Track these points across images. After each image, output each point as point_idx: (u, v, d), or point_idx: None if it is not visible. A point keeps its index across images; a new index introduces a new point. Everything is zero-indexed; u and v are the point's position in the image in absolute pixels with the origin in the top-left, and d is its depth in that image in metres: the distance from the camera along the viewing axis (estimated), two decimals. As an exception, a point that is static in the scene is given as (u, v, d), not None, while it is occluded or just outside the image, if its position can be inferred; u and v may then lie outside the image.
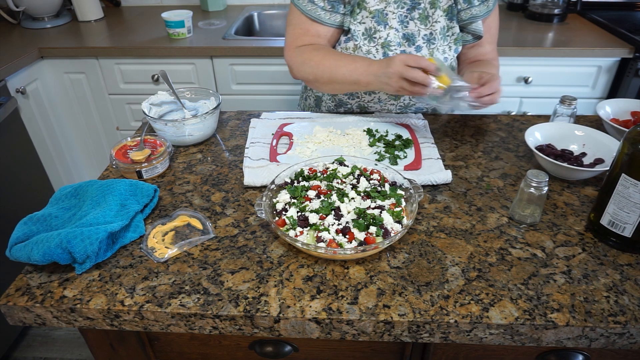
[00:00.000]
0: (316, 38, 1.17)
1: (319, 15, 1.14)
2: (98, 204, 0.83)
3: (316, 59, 1.13)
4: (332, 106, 1.30)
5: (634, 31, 1.81)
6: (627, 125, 1.07)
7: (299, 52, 1.17)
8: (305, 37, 1.17)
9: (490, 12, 1.17)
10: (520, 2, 2.19)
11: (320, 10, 1.14)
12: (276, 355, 0.81)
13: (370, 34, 1.15)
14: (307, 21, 1.16)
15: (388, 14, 1.13)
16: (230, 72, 1.92)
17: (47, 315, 0.71)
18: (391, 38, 1.15)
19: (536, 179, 0.80)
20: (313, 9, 1.14)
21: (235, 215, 0.88)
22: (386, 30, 1.14)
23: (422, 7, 1.13)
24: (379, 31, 1.14)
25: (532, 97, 1.91)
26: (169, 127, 1.07)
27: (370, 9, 1.12)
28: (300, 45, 1.17)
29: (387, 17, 1.13)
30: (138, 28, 2.09)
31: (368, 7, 1.12)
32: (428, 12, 1.13)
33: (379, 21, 1.14)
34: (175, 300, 0.70)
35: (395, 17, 1.13)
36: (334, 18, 1.15)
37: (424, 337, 0.69)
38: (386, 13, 1.13)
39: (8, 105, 1.66)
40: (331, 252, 0.74)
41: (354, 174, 0.91)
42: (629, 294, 0.70)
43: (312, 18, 1.15)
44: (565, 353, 0.76)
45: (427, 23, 1.14)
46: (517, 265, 0.76)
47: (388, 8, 1.13)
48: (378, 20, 1.13)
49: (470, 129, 1.17)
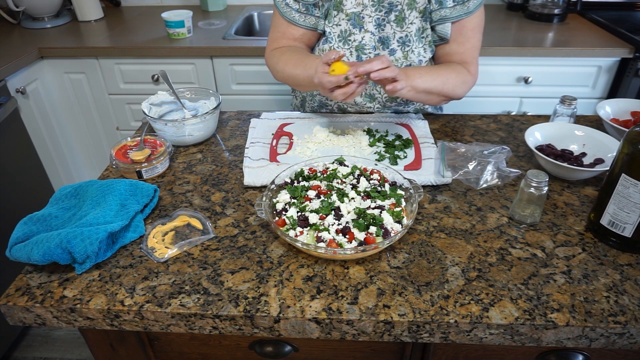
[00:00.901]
0: (292, 41, 1.19)
1: (293, 17, 1.16)
2: (98, 204, 0.83)
3: (281, 62, 1.15)
4: (315, 106, 1.30)
5: (634, 31, 1.81)
6: (627, 125, 1.07)
7: (272, 55, 1.20)
8: (282, 40, 1.20)
9: (463, 16, 1.10)
10: (520, 2, 2.18)
11: (294, 12, 1.16)
12: (276, 355, 0.81)
13: (345, 36, 1.15)
14: (284, 23, 1.18)
15: (365, 17, 1.13)
16: (230, 72, 1.92)
17: (47, 315, 0.71)
18: (366, 41, 1.14)
19: (536, 179, 0.80)
20: (288, 11, 1.16)
21: (235, 215, 0.88)
22: (361, 33, 1.14)
23: (399, 9, 1.11)
24: (354, 34, 1.14)
25: (532, 97, 1.91)
26: (169, 127, 1.07)
27: (347, 12, 1.12)
28: (277, 48, 1.20)
29: (364, 20, 1.13)
30: (138, 28, 2.09)
31: (345, 10, 1.12)
32: (405, 14, 1.12)
33: (354, 24, 1.13)
34: (175, 300, 0.70)
35: (371, 21, 1.13)
36: (308, 20, 1.17)
37: (424, 337, 0.69)
38: (363, 16, 1.12)
39: (8, 105, 1.66)
40: (331, 252, 0.74)
41: (354, 174, 0.91)
42: (629, 294, 0.70)
43: (288, 20, 1.17)
44: (565, 353, 0.76)
45: (403, 25, 1.13)
46: (517, 265, 0.76)
47: (365, 11, 1.12)
48: (354, 23, 1.13)
49: (470, 129, 1.17)
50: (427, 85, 1.05)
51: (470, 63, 1.15)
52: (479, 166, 0.96)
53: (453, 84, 1.10)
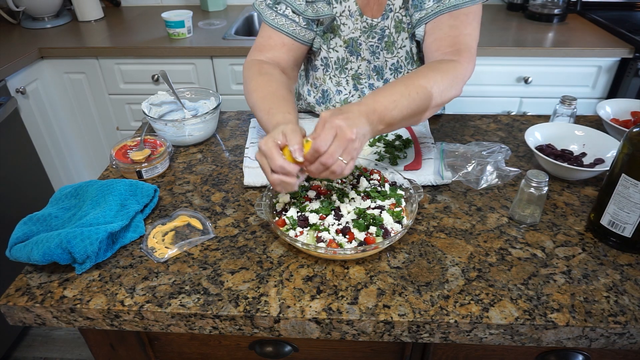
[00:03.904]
0: (280, 48, 1.05)
1: (294, 30, 1.04)
2: (98, 204, 0.83)
3: (252, 84, 0.97)
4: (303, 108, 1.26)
5: (634, 31, 1.81)
6: (627, 125, 1.07)
7: (248, 66, 1.04)
8: (269, 48, 1.06)
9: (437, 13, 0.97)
10: (520, 2, 2.19)
11: (294, 25, 1.04)
12: (276, 355, 0.81)
13: (342, 64, 1.12)
14: (276, 33, 1.05)
15: (362, 43, 1.08)
16: (230, 72, 1.92)
17: (47, 315, 0.71)
18: (362, 70, 1.12)
19: (536, 179, 0.80)
20: (288, 23, 1.04)
21: (235, 215, 0.88)
22: (357, 61, 1.11)
23: (387, 34, 1.06)
24: (351, 62, 1.11)
25: (532, 97, 1.91)
26: (169, 127, 1.07)
27: (345, 38, 1.08)
28: (259, 60, 1.04)
29: (361, 47, 1.08)
30: (138, 28, 2.09)
31: (342, 36, 1.08)
32: (393, 38, 1.07)
33: (352, 51, 1.10)
34: (175, 300, 0.70)
35: (367, 48, 1.09)
36: (307, 35, 1.07)
37: (424, 337, 0.69)
38: (360, 43, 1.08)
39: (8, 105, 1.66)
40: (331, 252, 0.74)
41: (354, 174, 0.91)
42: (629, 294, 0.70)
43: (285, 33, 1.05)
44: (565, 353, 0.76)
45: (393, 50, 1.08)
46: (517, 265, 0.76)
47: (361, 38, 1.08)
48: (351, 50, 1.10)
49: (470, 129, 1.17)
50: (405, 112, 0.82)
51: (463, 52, 0.94)
52: (478, 166, 0.96)
53: (441, 89, 0.87)
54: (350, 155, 0.73)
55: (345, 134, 0.72)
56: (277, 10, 1.05)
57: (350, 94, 1.16)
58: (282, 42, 1.06)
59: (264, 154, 0.75)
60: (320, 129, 0.73)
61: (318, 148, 0.71)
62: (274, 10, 1.05)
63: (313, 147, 0.72)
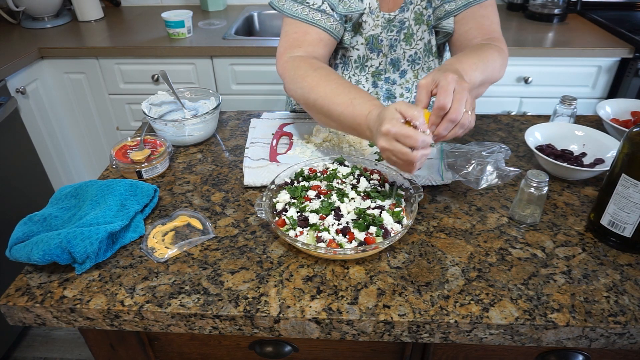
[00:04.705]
0: (317, 42, 1.03)
1: (331, 25, 1.02)
2: (98, 204, 0.83)
3: (310, 80, 0.93)
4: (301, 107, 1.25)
5: (634, 31, 1.81)
6: (627, 125, 1.07)
7: (292, 63, 0.99)
8: (304, 43, 1.02)
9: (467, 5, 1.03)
10: (520, 2, 2.19)
11: (332, 20, 1.03)
12: (276, 355, 0.81)
13: (362, 62, 1.11)
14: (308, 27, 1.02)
15: (383, 40, 1.08)
16: (230, 72, 1.92)
17: (47, 316, 0.71)
18: (382, 67, 1.12)
19: (536, 179, 0.80)
20: (325, 18, 1.02)
21: (235, 215, 0.88)
22: (378, 58, 1.11)
23: (407, 26, 1.07)
24: (371, 59, 1.11)
25: (532, 97, 1.91)
26: (169, 127, 1.07)
27: (365, 35, 1.08)
28: (298, 56, 1.00)
29: (382, 44, 1.08)
30: (138, 28, 2.09)
31: (364, 33, 1.08)
32: (412, 30, 1.08)
33: (372, 48, 1.10)
34: (175, 301, 0.70)
35: (387, 44, 1.09)
36: (339, 30, 1.05)
37: (424, 337, 0.69)
38: (381, 39, 1.08)
39: (8, 105, 1.66)
40: (331, 252, 0.74)
41: (354, 174, 0.91)
42: (629, 294, 0.70)
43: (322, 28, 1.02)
44: (565, 353, 0.76)
45: (412, 42, 1.09)
46: (517, 265, 0.76)
47: (382, 34, 1.08)
48: (371, 47, 1.09)
49: (470, 129, 1.17)
50: (482, 77, 0.89)
51: (499, 39, 1.02)
52: (478, 166, 0.96)
53: (498, 66, 0.96)
54: (471, 105, 0.76)
55: (462, 85, 0.74)
56: (311, 6, 1.02)
57: (369, 92, 1.15)
58: (320, 37, 1.03)
59: (397, 135, 0.73)
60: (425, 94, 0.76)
61: (443, 105, 0.72)
62: (306, 6, 1.02)
63: (437, 106, 0.73)
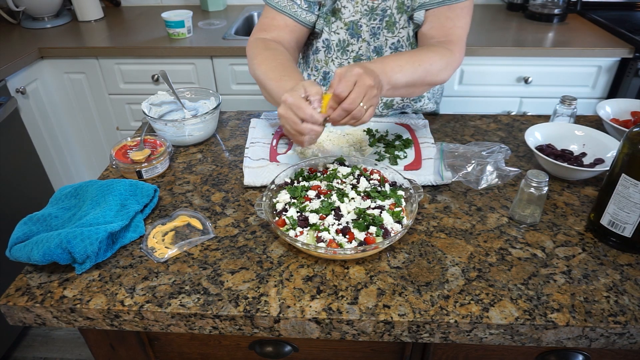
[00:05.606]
0: (283, 27, 1.09)
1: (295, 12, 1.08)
2: (98, 204, 0.83)
3: (259, 58, 1.01)
4: None
5: (634, 31, 1.81)
6: (627, 125, 1.07)
7: (254, 44, 1.07)
8: (272, 28, 1.09)
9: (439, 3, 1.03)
10: (520, 2, 2.19)
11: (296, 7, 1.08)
12: (276, 355, 0.81)
13: (344, 46, 1.13)
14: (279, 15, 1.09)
15: (362, 25, 1.10)
16: (230, 72, 1.92)
17: (47, 315, 0.71)
18: (363, 51, 1.13)
19: (536, 179, 0.80)
20: (290, 5, 1.08)
21: (235, 215, 0.88)
22: (358, 43, 1.12)
23: (389, 14, 1.09)
24: (352, 44, 1.13)
25: (532, 97, 1.91)
26: (169, 127, 1.07)
27: (345, 20, 1.10)
28: (260, 37, 1.08)
29: (362, 30, 1.10)
30: (138, 28, 2.09)
31: (343, 18, 1.10)
32: (395, 18, 1.09)
33: (352, 34, 1.11)
34: (175, 300, 0.70)
35: (368, 30, 1.11)
36: (308, 18, 1.10)
37: (424, 337, 0.69)
38: (360, 25, 1.10)
39: (8, 105, 1.66)
40: (331, 252, 0.74)
41: (354, 174, 0.91)
42: (629, 294, 0.70)
43: (288, 14, 1.08)
44: (565, 353, 0.76)
45: (394, 30, 1.10)
46: (517, 265, 0.76)
47: (362, 20, 1.10)
48: (352, 33, 1.11)
49: (470, 129, 1.17)
50: (408, 79, 0.92)
51: (456, 43, 1.03)
52: (478, 166, 0.96)
53: (437, 69, 0.97)
54: (370, 102, 0.80)
55: (364, 80, 0.79)
56: None
57: None
58: (285, 23, 1.10)
59: (291, 105, 0.81)
60: (338, 81, 0.80)
61: (340, 94, 0.78)
62: None
63: (334, 93, 0.79)
